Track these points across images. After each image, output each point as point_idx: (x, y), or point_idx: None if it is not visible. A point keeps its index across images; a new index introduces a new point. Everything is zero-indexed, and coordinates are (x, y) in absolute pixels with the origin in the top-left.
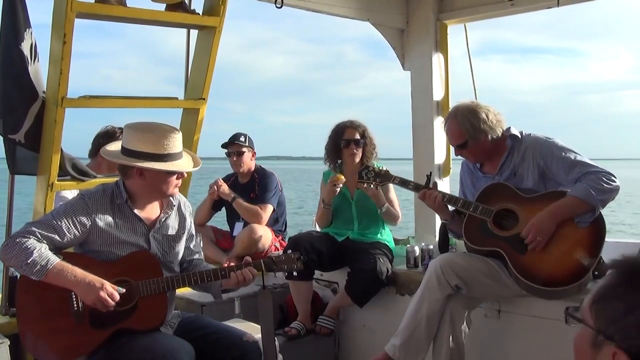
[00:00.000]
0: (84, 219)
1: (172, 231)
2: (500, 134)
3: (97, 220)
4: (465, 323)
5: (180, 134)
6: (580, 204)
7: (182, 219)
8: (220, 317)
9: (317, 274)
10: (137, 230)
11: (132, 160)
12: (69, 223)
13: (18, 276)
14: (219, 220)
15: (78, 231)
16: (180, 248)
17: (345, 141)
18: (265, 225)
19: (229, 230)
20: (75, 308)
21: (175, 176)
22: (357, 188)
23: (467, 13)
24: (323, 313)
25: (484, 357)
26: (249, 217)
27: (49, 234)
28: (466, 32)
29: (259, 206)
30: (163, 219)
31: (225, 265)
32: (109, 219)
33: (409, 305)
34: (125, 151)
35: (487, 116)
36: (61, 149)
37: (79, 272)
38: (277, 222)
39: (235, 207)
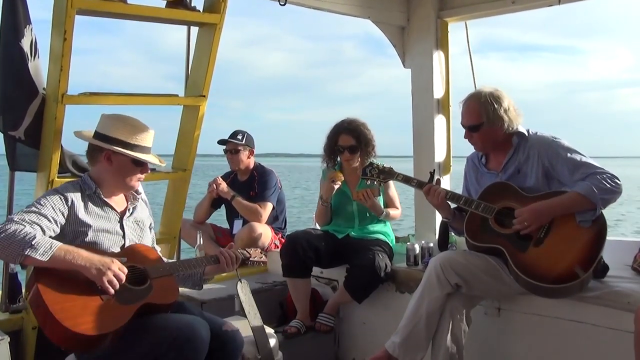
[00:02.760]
0: (62, 207)
1: (141, 219)
2: (515, 128)
3: (72, 207)
4: (464, 321)
5: (153, 132)
6: (581, 200)
7: (145, 208)
8: (220, 314)
9: (317, 271)
10: (111, 217)
11: (103, 143)
12: (51, 210)
13: (17, 273)
14: (219, 217)
15: (60, 218)
16: (149, 236)
17: (340, 147)
18: (265, 223)
19: (228, 227)
20: (100, 286)
21: (140, 169)
22: (355, 200)
23: (467, 10)
24: (323, 310)
25: (484, 355)
26: (249, 215)
27: (37, 221)
28: (467, 29)
29: (259, 204)
30: (131, 208)
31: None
32: (83, 207)
33: (409, 303)
34: (97, 135)
35: (508, 106)
36: (61, 146)
37: (84, 253)
38: (276, 220)
39: (235, 205)
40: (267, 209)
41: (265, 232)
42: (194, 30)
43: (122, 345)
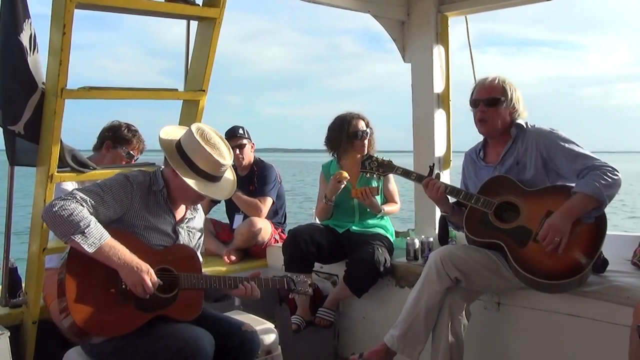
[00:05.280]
0: (125, 196)
1: (194, 230)
2: (517, 118)
3: (135, 200)
4: (464, 315)
5: (230, 163)
6: (591, 200)
7: (200, 223)
8: (221, 308)
9: (317, 266)
10: (167, 220)
11: (175, 159)
12: (114, 197)
13: (17, 268)
14: (219, 212)
15: (119, 207)
16: (196, 243)
17: (358, 132)
18: (265, 217)
19: (228, 222)
20: (123, 286)
21: (198, 196)
22: (353, 197)
23: (467, 5)
24: (323, 305)
25: (484, 349)
26: (249, 210)
27: (98, 206)
28: (467, 24)
29: (259, 199)
30: (188, 218)
31: (225, 257)
32: (145, 202)
33: (409, 297)
34: (179, 147)
35: (519, 97)
36: (61, 140)
37: (127, 253)
38: (276, 215)
39: (235, 200)
40: (267, 204)
41: (265, 227)
42: (194, 24)
43: (125, 344)
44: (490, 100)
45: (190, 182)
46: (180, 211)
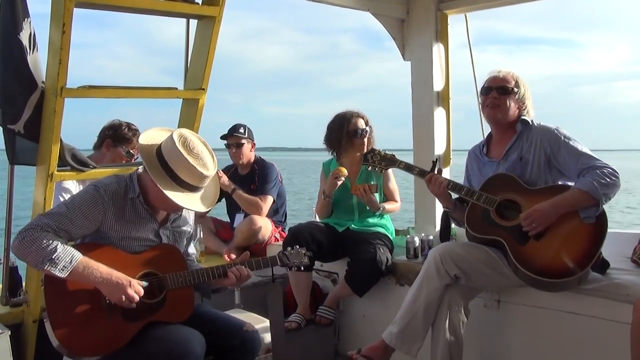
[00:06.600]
0: (97, 212)
1: (180, 229)
2: (523, 114)
3: (109, 212)
4: (463, 313)
5: (214, 174)
6: (585, 197)
7: (188, 219)
8: (221, 307)
9: (317, 264)
10: (147, 225)
11: (155, 169)
12: (83, 215)
13: (17, 267)
14: (219, 211)
15: (91, 224)
16: (184, 247)
17: (358, 130)
18: (265, 216)
19: (229, 221)
20: (108, 301)
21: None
22: (353, 194)
23: (467, 3)
24: (323, 303)
25: (483, 347)
26: (249, 209)
27: (65, 228)
28: (467, 22)
29: (259, 197)
30: (173, 218)
31: (225, 255)
32: (121, 212)
33: (407, 294)
34: (159, 154)
35: (530, 96)
36: (60, 139)
37: (103, 269)
38: (277, 213)
39: (235, 198)
40: (268, 202)
41: (265, 225)
42: (193, 23)
43: (118, 350)
44: (503, 89)
45: (171, 194)
46: (163, 213)
